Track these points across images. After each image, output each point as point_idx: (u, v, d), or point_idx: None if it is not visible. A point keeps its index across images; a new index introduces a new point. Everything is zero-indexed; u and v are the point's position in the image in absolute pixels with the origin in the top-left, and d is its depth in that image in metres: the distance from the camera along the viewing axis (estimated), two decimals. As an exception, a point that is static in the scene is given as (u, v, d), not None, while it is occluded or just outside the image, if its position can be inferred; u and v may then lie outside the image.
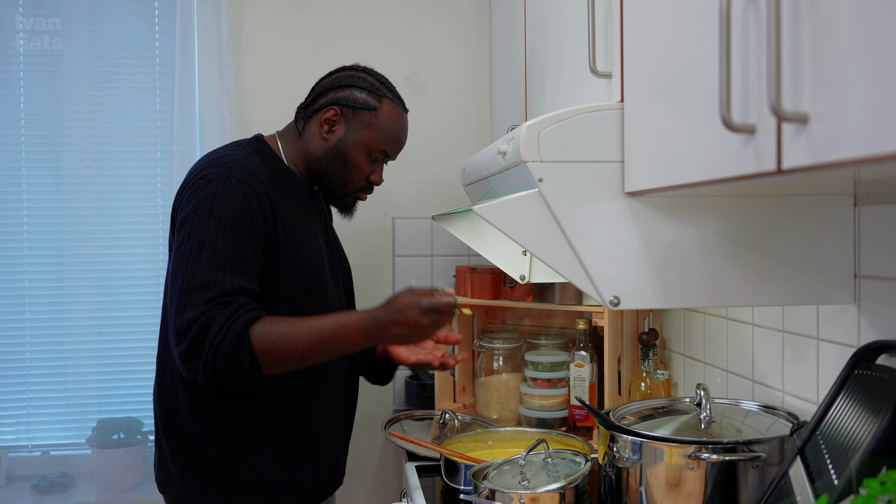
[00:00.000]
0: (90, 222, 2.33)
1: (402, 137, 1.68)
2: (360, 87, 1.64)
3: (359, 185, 1.67)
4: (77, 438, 2.35)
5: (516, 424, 2.09)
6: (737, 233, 1.17)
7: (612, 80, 1.24)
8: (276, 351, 1.39)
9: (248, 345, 1.37)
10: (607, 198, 1.16)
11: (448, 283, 2.51)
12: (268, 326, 1.40)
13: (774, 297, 1.18)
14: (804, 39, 0.71)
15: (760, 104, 0.78)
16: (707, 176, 0.91)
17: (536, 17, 1.80)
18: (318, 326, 1.43)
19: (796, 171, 0.73)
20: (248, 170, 1.50)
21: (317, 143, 1.64)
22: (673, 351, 1.91)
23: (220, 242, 1.42)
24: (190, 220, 1.46)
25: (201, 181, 1.49)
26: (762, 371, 1.48)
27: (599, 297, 1.16)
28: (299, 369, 1.48)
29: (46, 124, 2.31)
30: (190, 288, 1.40)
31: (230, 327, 1.37)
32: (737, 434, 1.29)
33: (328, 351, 1.45)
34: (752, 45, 0.80)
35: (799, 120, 0.71)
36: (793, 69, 0.72)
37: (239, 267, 1.43)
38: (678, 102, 1.00)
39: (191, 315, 1.38)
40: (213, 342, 1.37)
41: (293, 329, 1.41)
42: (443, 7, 2.52)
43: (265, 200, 1.49)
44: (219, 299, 1.39)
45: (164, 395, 1.57)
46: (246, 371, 1.38)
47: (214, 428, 1.52)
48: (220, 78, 2.30)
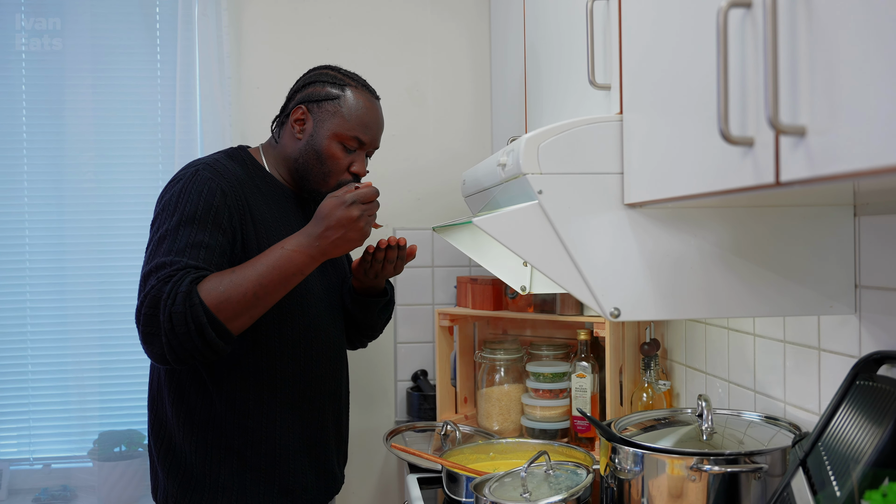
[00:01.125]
0: (92, 235, 2.33)
1: (371, 121, 1.67)
2: (323, 80, 1.66)
3: (340, 177, 1.66)
4: (78, 451, 2.35)
5: (518, 435, 2.08)
6: (737, 244, 1.17)
7: (611, 92, 1.24)
8: (228, 299, 1.40)
9: (198, 300, 1.38)
10: (607, 209, 1.16)
11: (450, 294, 2.51)
12: (214, 280, 1.41)
13: (775, 308, 1.18)
14: (801, 52, 0.71)
15: (758, 117, 0.78)
16: (706, 188, 0.91)
17: (536, 29, 1.81)
18: (261, 262, 1.44)
19: (794, 183, 0.73)
20: (216, 170, 1.54)
21: (291, 145, 1.66)
22: (675, 361, 1.90)
23: (179, 232, 1.45)
24: (157, 219, 1.51)
25: (171, 183, 1.55)
26: (764, 381, 1.48)
27: (600, 308, 1.16)
28: (278, 365, 1.52)
29: (48, 137, 2.32)
30: (147, 274, 1.44)
31: (176, 290, 1.38)
32: (739, 445, 1.29)
33: (279, 282, 1.44)
34: (749, 58, 0.80)
35: (796, 133, 0.71)
36: (790, 82, 0.72)
37: (199, 253, 1.44)
38: (677, 114, 1.00)
39: (144, 293, 1.40)
40: (165, 309, 1.37)
41: (237, 274, 1.43)
42: (443, 19, 2.53)
43: (232, 197, 1.52)
44: (165, 278, 1.40)
45: (153, 402, 1.60)
46: (206, 326, 1.37)
47: (196, 432, 1.54)
48: (221, 90, 2.31)
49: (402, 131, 2.50)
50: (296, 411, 1.60)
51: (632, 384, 1.92)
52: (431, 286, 2.52)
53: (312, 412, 1.63)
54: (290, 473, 1.58)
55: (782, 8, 0.73)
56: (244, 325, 1.44)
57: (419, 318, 2.52)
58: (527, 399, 2.08)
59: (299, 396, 1.60)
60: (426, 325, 2.52)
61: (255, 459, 1.55)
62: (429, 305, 2.52)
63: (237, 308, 1.41)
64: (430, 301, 2.52)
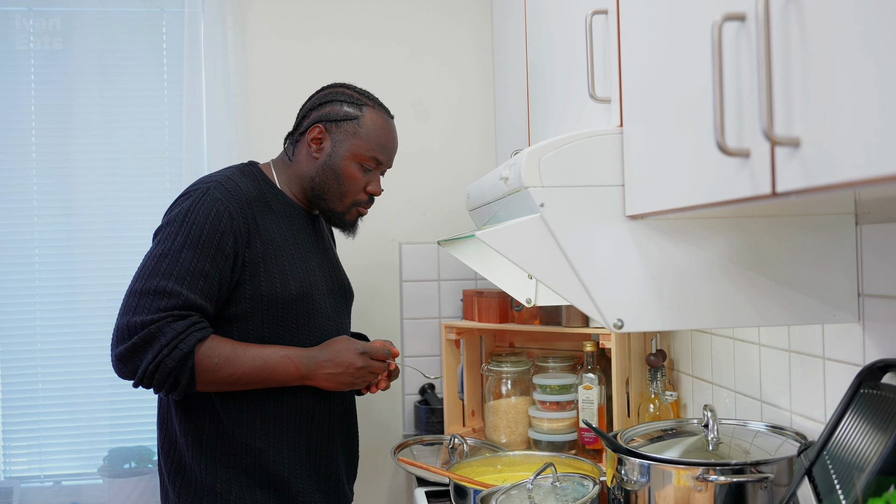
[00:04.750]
0: (101, 253, 2.35)
1: (388, 142, 1.69)
2: (340, 100, 1.67)
3: (356, 197, 1.67)
4: (88, 468, 2.36)
5: (525, 448, 2.08)
6: (739, 254, 1.17)
7: (611, 105, 1.26)
8: (215, 371, 1.46)
9: (191, 363, 1.44)
10: (609, 221, 1.17)
11: (456, 308, 2.52)
12: (214, 346, 1.46)
13: (778, 318, 1.18)
14: (794, 64, 0.72)
15: (754, 128, 0.79)
16: (705, 199, 0.92)
17: (538, 44, 1.82)
18: (258, 355, 1.50)
19: (791, 193, 0.74)
20: (227, 189, 1.54)
21: (308, 164, 1.66)
22: (681, 372, 1.90)
23: (183, 255, 1.47)
24: (160, 233, 1.53)
25: (180, 199, 1.56)
26: (770, 391, 1.48)
27: (603, 320, 1.16)
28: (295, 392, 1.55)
29: (57, 157, 2.35)
30: (143, 292, 1.45)
31: (178, 344, 1.42)
32: (745, 455, 1.29)
33: (263, 379, 1.51)
34: (744, 70, 0.81)
35: (791, 144, 0.72)
36: (784, 94, 0.73)
37: (198, 283, 1.47)
38: (675, 126, 1.01)
39: (140, 319, 1.43)
40: (159, 354, 1.42)
41: (235, 353, 1.48)
42: (447, 33, 2.55)
43: (240, 220, 1.52)
44: (173, 311, 1.44)
45: (163, 420, 1.61)
46: (181, 386, 1.45)
47: (205, 451, 1.55)
48: (227, 108, 2.33)
49: (408, 146, 2.51)
50: (303, 430, 1.60)
51: (638, 395, 1.92)
52: (438, 300, 2.53)
53: (321, 431, 1.63)
54: (299, 493, 1.59)
55: (775, 21, 0.74)
56: (207, 390, 1.51)
57: (426, 332, 2.52)
58: (534, 411, 2.08)
59: (307, 415, 1.61)
60: (433, 339, 2.52)
61: (264, 479, 1.56)
62: (435, 319, 2.52)
63: (216, 381, 1.48)
64: (437, 314, 2.53)
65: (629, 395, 1.91)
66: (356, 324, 2.39)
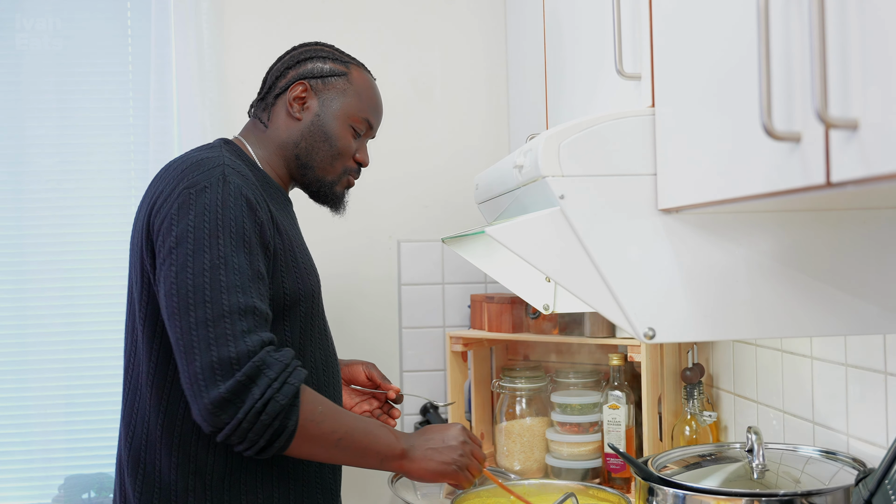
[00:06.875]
0: (55, 252, 2.36)
1: (379, 105, 1.71)
2: (322, 56, 1.67)
3: (346, 163, 1.66)
4: (42, 498, 2.36)
5: (542, 476, 2.09)
6: (789, 254, 1.17)
7: (641, 82, 1.26)
8: (319, 423, 1.37)
9: (299, 405, 1.35)
10: (639, 216, 1.17)
11: (463, 315, 2.52)
12: (314, 393, 1.40)
13: (833, 327, 1.18)
14: (852, 35, 0.72)
15: (805, 109, 0.79)
16: (749, 190, 0.92)
17: (556, 13, 1.82)
18: (355, 415, 1.46)
19: (847, 184, 0.74)
20: (239, 172, 1.47)
21: (289, 128, 1.63)
22: (721, 389, 1.90)
23: (235, 260, 1.37)
24: (190, 237, 1.38)
25: (192, 190, 1.41)
26: (823, 411, 1.48)
27: (632, 329, 1.16)
28: None
29: (5, 142, 2.35)
30: (218, 317, 1.32)
31: (288, 378, 1.34)
32: (795, 484, 1.29)
33: (359, 448, 1.42)
34: (794, 43, 0.81)
35: (848, 126, 0.72)
36: (840, 69, 0.73)
37: (261, 289, 1.39)
38: (716, 107, 1.01)
39: (235, 350, 1.31)
40: (269, 389, 1.31)
41: (336, 408, 1.42)
42: (453, 1, 2.55)
43: (264, 208, 1.47)
44: (261, 334, 1.34)
45: (138, 461, 1.48)
46: (286, 433, 1.34)
47: (209, 495, 1.45)
48: (200, 86, 2.33)
49: (406, 129, 2.52)
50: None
51: (672, 416, 1.92)
52: (442, 306, 2.53)
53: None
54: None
55: (830, -15, 0.74)
56: (299, 455, 1.41)
57: (428, 343, 2.53)
58: (552, 434, 2.09)
59: None
60: (436, 351, 2.53)
61: None
62: (439, 328, 2.53)
63: (318, 436, 1.38)
64: (441, 323, 2.53)
65: (662, 416, 1.91)
66: (346, 335, 2.39)
